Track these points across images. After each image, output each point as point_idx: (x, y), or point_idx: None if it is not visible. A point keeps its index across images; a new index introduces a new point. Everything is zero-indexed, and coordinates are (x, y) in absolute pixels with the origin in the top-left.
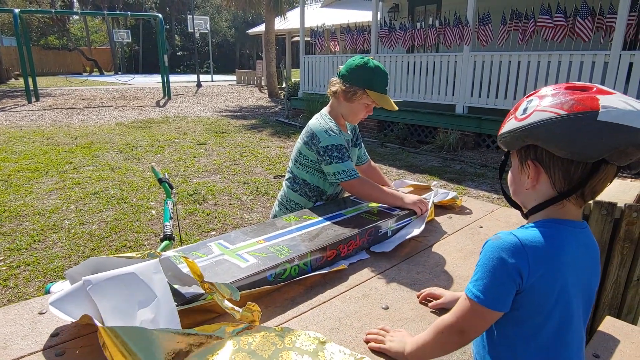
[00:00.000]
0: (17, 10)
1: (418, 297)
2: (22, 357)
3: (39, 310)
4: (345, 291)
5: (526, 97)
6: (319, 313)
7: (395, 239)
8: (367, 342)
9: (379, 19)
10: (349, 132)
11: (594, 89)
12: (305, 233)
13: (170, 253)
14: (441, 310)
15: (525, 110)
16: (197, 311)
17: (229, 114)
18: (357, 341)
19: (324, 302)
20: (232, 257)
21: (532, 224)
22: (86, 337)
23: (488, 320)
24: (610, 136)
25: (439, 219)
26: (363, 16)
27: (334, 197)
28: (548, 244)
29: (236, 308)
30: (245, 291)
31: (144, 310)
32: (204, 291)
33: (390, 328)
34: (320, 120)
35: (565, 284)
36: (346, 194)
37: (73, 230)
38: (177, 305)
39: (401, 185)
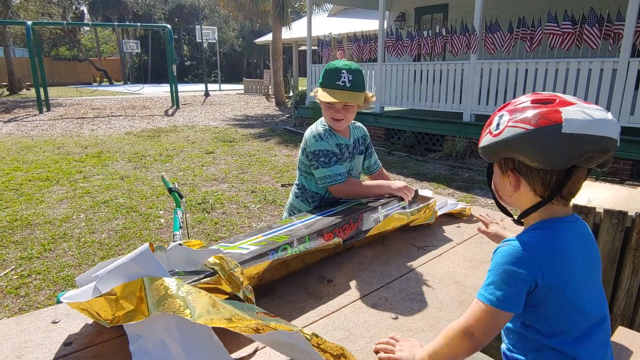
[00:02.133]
0: (29, 23)
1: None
2: None
3: (52, 320)
4: (355, 301)
5: (498, 111)
6: (329, 323)
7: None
8: (376, 352)
9: (385, 27)
10: (350, 138)
11: (557, 100)
12: (301, 224)
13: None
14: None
15: (498, 125)
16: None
17: (237, 122)
18: (367, 351)
19: (334, 312)
20: (234, 249)
21: (532, 227)
22: (99, 346)
23: (497, 321)
24: (576, 146)
25: (447, 228)
26: (369, 25)
27: (332, 201)
28: (553, 242)
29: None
30: (251, 266)
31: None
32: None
33: (400, 337)
34: (313, 126)
35: (575, 276)
36: None
37: (83, 239)
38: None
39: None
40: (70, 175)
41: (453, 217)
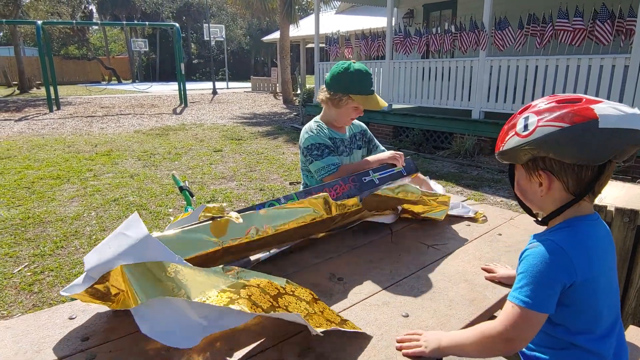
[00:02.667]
0: (39, 22)
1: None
2: None
3: (69, 316)
4: (365, 299)
5: (519, 113)
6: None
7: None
8: (400, 349)
9: (393, 25)
10: (346, 133)
11: (584, 99)
12: (293, 193)
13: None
14: (462, 320)
15: (526, 126)
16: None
17: (245, 120)
18: (378, 348)
19: (345, 309)
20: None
21: (559, 226)
22: (116, 342)
23: (535, 325)
24: (613, 140)
25: (457, 226)
26: (377, 22)
27: None
28: (582, 239)
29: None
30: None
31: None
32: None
33: (423, 331)
34: (307, 124)
35: (604, 273)
36: None
37: (94, 237)
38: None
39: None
40: (81, 174)
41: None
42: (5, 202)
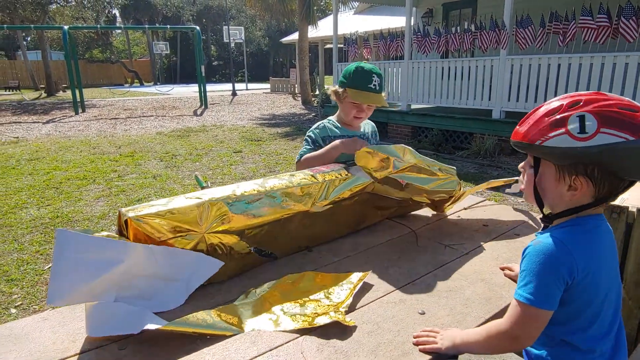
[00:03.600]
0: (66, 27)
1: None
2: (89, 350)
3: None
4: (382, 296)
5: (568, 108)
6: (357, 316)
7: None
8: (416, 344)
9: (412, 24)
10: (360, 129)
11: None
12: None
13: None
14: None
15: (582, 128)
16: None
17: (264, 122)
18: (395, 344)
19: (362, 307)
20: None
21: (564, 224)
22: (147, 332)
23: (540, 322)
24: None
25: (474, 226)
26: (396, 22)
27: None
28: (587, 238)
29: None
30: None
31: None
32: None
33: (440, 329)
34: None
35: (605, 272)
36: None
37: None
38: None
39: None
40: (106, 174)
41: (480, 216)
42: (35, 202)
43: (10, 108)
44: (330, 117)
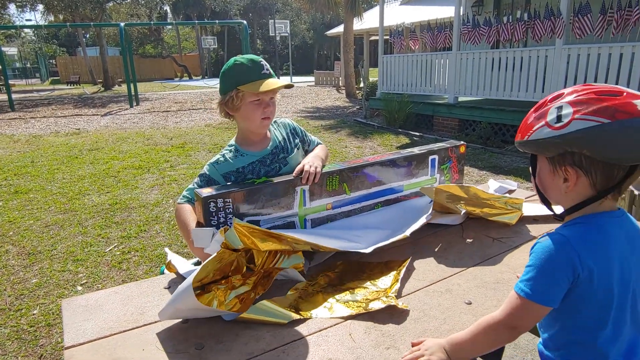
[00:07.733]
0: (122, 24)
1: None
2: (155, 322)
3: (164, 286)
4: (428, 285)
5: (550, 101)
6: (404, 303)
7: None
8: None
9: (461, 14)
10: (269, 146)
11: (625, 93)
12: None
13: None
14: None
15: (559, 117)
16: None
17: (308, 114)
18: (440, 331)
19: (408, 294)
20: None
21: (574, 221)
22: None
23: (535, 316)
24: None
25: (523, 221)
26: (444, 12)
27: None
28: (595, 237)
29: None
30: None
31: None
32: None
33: (415, 339)
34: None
35: (617, 272)
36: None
37: (172, 222)
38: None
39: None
40: (159, 164)
41: (529, 211)
42: (96, 189)
43: (72, 101)
44: (230, 142)
